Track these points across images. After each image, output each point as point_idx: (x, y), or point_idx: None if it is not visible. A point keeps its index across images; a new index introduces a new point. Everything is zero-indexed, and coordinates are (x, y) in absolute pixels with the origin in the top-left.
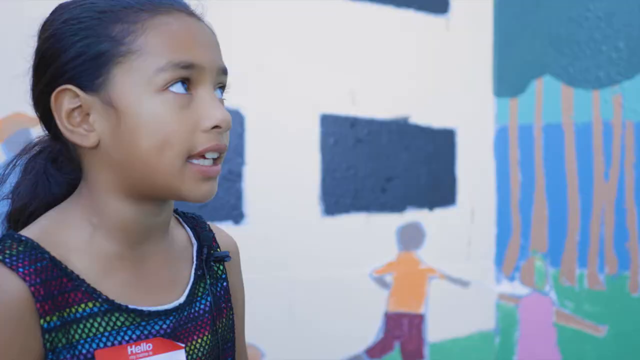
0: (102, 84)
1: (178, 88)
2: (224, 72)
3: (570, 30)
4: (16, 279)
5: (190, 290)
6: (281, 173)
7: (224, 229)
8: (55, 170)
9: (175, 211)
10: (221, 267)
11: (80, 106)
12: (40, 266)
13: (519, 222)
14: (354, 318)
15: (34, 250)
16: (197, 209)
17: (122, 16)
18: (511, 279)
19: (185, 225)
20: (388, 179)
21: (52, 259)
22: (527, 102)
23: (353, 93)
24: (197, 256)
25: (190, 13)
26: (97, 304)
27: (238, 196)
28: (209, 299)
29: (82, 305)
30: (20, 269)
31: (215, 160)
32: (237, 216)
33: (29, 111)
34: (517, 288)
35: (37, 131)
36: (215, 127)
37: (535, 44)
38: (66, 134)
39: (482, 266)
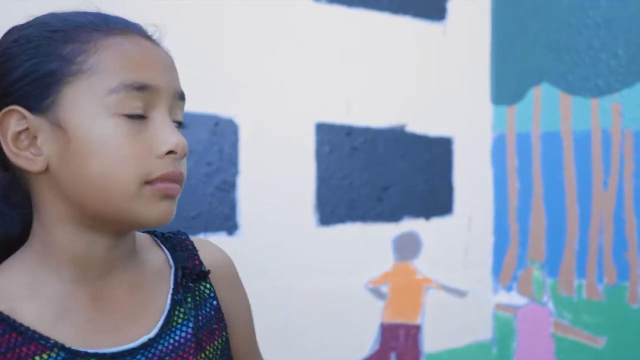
0: (50, 104)
1: (130, 110)
2: (181, 97)
3: (568, 38)
4: None
5: (166, 319)
6: (276, 182)
7: (213, 242)
8: (7, 207)
9: (153, 232)
10: (207, 286)
11: (27, 129)
12: None
13: (516, 232)
14: (350, 329)
15: None
16: (174, 224)
17: (74, 35)
18: (509, 289)
19: (163, 246)
20: (384, 188)
21: None
22: (525, 110)
23: (349, 101)
24: (173, 280)
25: (147, 36)
26: (53, 354)
27: (232, 206)
28: (190, 325)
29: (37, 358)
30: None
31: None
32: (231, 227)
33: None
34: (514, 298)
35: None
36: (170, 152)
37: (534, 51)
38: (12, 157)
39: (479, 276)
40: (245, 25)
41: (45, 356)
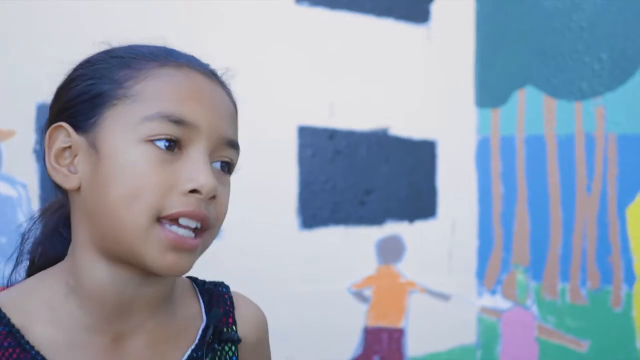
0: (93, 124)
1: (161, 143)
2: (230, 144)
3: (552, 41)
4: None
5: None
6: (258, 186)
7: (252, 300)
8: (65, 228)
9: (195, 280)
10: (233, 348)
11: (70, 147)
12: None
13: (500, 235)
14: (333, 333)
15: None
16: None
17: (131, 62)
18: (493, 292)
19: (200, 297)
20: (367, 192)
21: (10, 326)
22: (509, 113)
23: (332, 104)
24: (200, 336)
25: (207, 73)
26: None
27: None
28: None
29: None
30: None
31: (195, 232)
32: None
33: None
34: (498, 302)
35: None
36: (194, 191)
37: (518, 54)
38: (50, 171)
39: (464, 279)
40: (227, 27)
41: None
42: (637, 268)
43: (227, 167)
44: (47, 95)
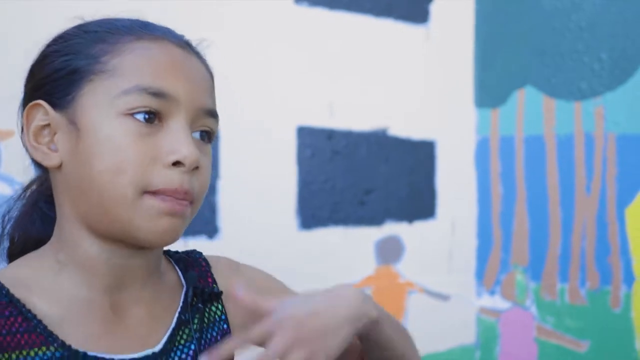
0: (70, 101)
1: (140, 116)
2: (209, 113)
3: (552, 41)
4: None
5: (170, 337)
6: (257, 186)
7: (227, 257)
8: (46, 205)
9: (167, 252)
10: (219, 307)
11: (49, 124)
12: None
13: (499, 235)
14: None
15: None
16: None
17: (106, 37)
18: (492, 292)
19: (177, 267)
20: (366, 192)
21: (10, 296)
22: (509, 113)
23: (331, 104)
24: (183, 299)
25: (182, 45)
26: (51, 349)
27: (212, 210)
28: (192, 347)
29: (35, 349)
30: None
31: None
32: (211, 230)
33: None
34: (497, 302)
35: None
36: (177, 163)
37: (517, 54)
38: (30, 150)
39: (463, 280)
40: (226, 27)
41: (44, 349)
42: (636, 268)
43: (207, 136)
44: None
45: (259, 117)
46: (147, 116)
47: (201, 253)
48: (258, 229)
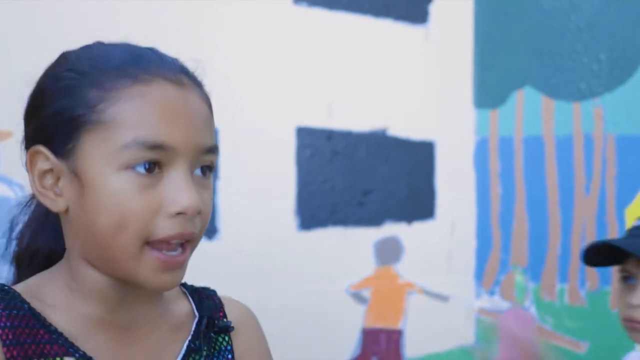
0: (71, 150)
1: (141, 168)
2: (208, 151)
3: (551, 42)
4: None
5: None
6: (256, 187)
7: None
8: (55, 219)
9: (183, 284)
10: (226, 339)
11: (52, 169)
12: (16, 313)
13: (499, 236)
14: (331, 334)
15: (14, 300)
16: None
17: (101, 80)
18: (491, 293)
19: (190, 298)
20: (365, 192)
21: (32, 310)
22: (508, 113)
23: (330, 104)
24: (195, 327)
25: (178, 82)
26: (74, 359)
27: (212, 210)
28: None
29: (58, 359)
30: None
31: (183, 246)
32: (210, 231)
33: None
34: (497, 303)
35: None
36: (180, 213)
37: (516, 55)
38: (37, 195)
39: (462, 280)
40: (225, 27)
41: (67, 358)
42: None
43: (209, 169)
44: None
45: (258, 117)
46: (147, 166)
47: (215, 291)
48: (257, 229)
